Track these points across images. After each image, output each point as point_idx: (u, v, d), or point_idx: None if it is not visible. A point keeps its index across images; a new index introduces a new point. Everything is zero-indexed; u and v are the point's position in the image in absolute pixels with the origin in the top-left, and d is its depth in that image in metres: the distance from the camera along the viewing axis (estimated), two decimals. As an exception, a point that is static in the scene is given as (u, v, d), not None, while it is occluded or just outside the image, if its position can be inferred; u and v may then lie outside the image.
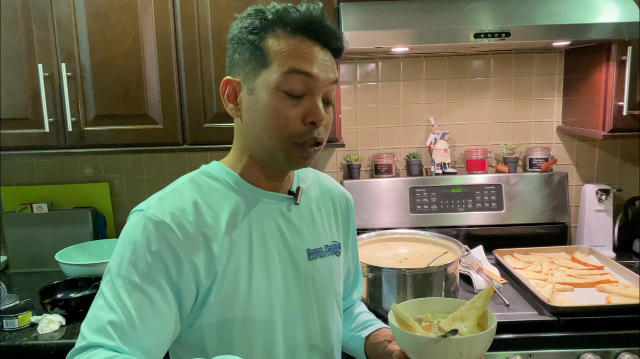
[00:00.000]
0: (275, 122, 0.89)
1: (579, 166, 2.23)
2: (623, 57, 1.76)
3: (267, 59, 0.89)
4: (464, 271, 1.78)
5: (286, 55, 0.88)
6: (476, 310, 0.93)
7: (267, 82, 0.89)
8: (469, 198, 2.11)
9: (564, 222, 2.12)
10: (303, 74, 0.88)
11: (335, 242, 1.08)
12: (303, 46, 0.89)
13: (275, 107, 0.89)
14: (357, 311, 1.25)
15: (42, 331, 1.57)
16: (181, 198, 0.92)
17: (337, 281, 1.08)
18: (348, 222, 1.16)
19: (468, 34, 1.62)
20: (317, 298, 1.02)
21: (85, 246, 2.04)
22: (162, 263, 0.87)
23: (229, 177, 0.97)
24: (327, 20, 0.91)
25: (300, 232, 1.01)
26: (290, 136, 0.90)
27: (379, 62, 2.17)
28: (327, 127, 0.94)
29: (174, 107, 1.77)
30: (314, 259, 1.02)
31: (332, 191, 1.12)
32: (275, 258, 0.97)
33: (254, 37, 0.91)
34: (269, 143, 0.91)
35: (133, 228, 0.89)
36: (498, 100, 2.20)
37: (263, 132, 0.91)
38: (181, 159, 2.19)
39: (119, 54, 1.73)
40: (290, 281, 0.98)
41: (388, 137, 2.22)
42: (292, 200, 1.01)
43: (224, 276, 0.90)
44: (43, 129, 1.75)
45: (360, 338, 1.14)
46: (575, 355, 1.49)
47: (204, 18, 1.72)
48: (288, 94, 0.89)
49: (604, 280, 1.74)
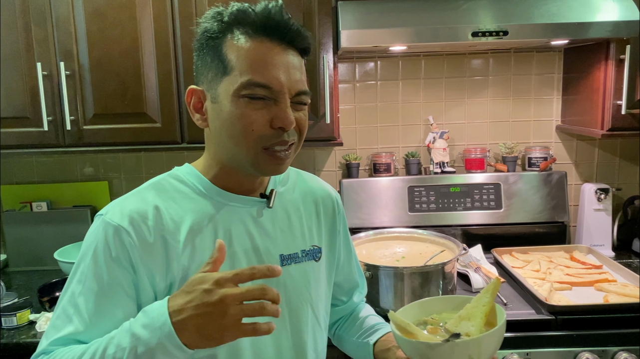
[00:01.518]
0: (240, 128, 0.86)
1: (578, 165, 2.23)
2: (621, 56, 1.76)
3: (227, 66, 0.86)
4: (462, 270, 1.78)
5: (245, 64, 0.84)
6: (483, 306, 0.86)
7: (228, 90, 0.86)
8: (467, 197, 2.10)
9: (563, 221, 2.12)
10: (262, 87, 0.84)
11: (315, 247, 1.03)
12: (263, 50, 0.85)
13: (239, 113, 0.85)
14: (362, 314, 1.20)
15: (41, 328, 1.57)
16: (142, 202, 0.90)
17: (315, 288, 1.02)
18: (334, 224, 1.10)
19: (466, 32, 1.63)
20: (289, 306, 0.97)
21: (84, 244, 2.05)
22: (120, 269, 0.85)
23: (198, 181, 0.94)
24: (289, 18, 0.87)
25: (273, 237, 0.97)
26: (257, 141, 0.86)
27: (377, 61, 2.17)
28: (300, 127, 0.91)
29: (172, 105, 1.77)
30: (288, 265, 0.97)
31: (315, 193, 1.08)
32: (242, 265, 0.92)
33: (213, 42, 0.87)
34: (237, 151, 0.88)
35: (93, 233, 0.88)
36: (497, 99, 2.20)
37: (230, 140, 0.88)
38: (180, 158, 2.19)
39: (118, 53, 1.74)
40: None
41: (387, 136, 2.22)
42: (264, 203, 0.97)
43: (183, 283, 0.84)
44: (42, 128, 1.76)
45: (368, 344, 1.09)
46: (572, 354, 1.48)
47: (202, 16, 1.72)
48: (251, 101, 0.85)
49: (602, 279, 1.73)
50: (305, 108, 0.92)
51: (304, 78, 0.90)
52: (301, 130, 0.91)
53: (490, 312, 0.86)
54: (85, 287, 0.85)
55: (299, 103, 0.89)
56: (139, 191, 0.94)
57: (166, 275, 0.88)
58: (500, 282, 0.89)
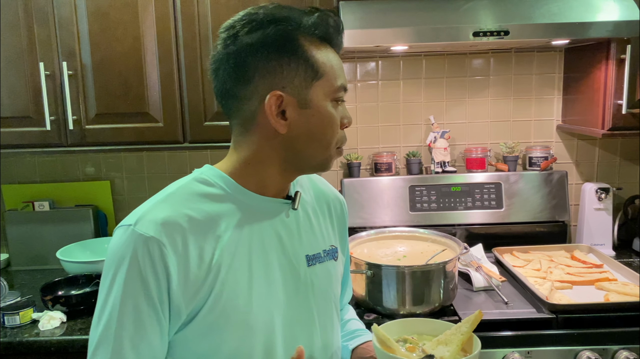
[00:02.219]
0: (331, 131, 0.92)
1: (579, 164, 2.23)
2: (622, 56, 1.76)
3: (318, 71, 0.88)
4: (463, 269, 1.79)
5: (332, 69, 0.90)
6: (461, 335, 0.92)
7: (321, 93, 0.90)
8: (468, 197, 2.11)
9: (564, 221, 2.13)
10: (345, 89, 0.93)
11: (333, 246, 1.05)
12: (333, 54, 0.92)
13: (332, 116, 0.91)
14: (346, 317, 1.23)
15: (43, 327, 1.58)
16: (172, 208, 0.86)
17: (336, 286, 1.06)
18: (344, 225, 1.14)
19: (467, 32, 1.63)
20: (317, 304, 0.99)
21: (86, 244, 2.05)
22: (155, 281, 0.82)
23: (225, 183, 0.92)
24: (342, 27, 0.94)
25: (299, 238, 0.98)
26: (336, 142, 0.93)
27: (379, 61, 2.18)
28: None
29: (174, 105, 1.78)
30: (313, 265, 0.99)
31: (327, 195, 1.10)
32: (275, 266, 0.93)
33: (299, 48, 0.87)
34: (321, 153, 0.93)
35: (122, 245, 0.83)
36: (498, 99, 2.20)
37: (315, 143, 0.91)
38: (182, 157, 2.20)
39: (120, 53, 1.74)
40: (290, 288, 0.94)
41: (388, 135, 2.23)
42: (289, 205, 0.97)
43: (222, 288, 0.86)
44: (44, 127, 1.76)
45: (347, 348, 1.12)
46: (573, 353, 1.49)
47: (204, 17, 1.73)
48: (337, 103, 0.93)
49: (603, 278, 1.74)
50: None
51: None
52: None
53: (467, 341, 0.92)
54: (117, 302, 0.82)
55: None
56: (166, 197, 0.90)
57: (205, 282, 0.85)
58: (481, 315, 0.94)
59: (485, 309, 1.59)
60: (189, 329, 0.87)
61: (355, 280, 1.60)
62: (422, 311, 1.54)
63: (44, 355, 1.54)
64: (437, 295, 1.55)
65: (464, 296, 1.69)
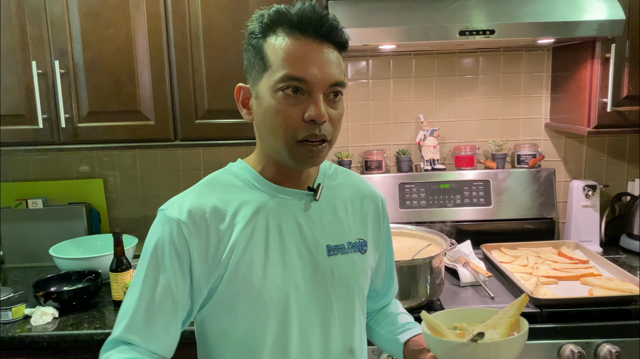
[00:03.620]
0: (276, 122, 0.92)
1: (567, 162, 2.26)
2: (607, 55, 1.79)
3: (266, 63, 0.92)
4: (450, 265, 1.81)
5: (282, 59, 0.90)
6: (509, 318, 0.95)
7: (267, 85, 0.92)
8: (457, 194, 2.14)
9: (552, 217, 2.16)
10: (298, 80, 0.89)
11: (361, 240, 1.07)
12: (298, 46, 0.90)
13: (275, 107, 0.91)
14: (393, 310, 1.25)
15: (35, 323, 1.60)
16: (199, 196, 0.97)
17: (362, 279, 1.07)
18: (379, 222, 1.14)
19: (454, 31, 1.66)
20: (337, 293, 1.02)
21: (79, 241, 2.07)
22: (179, 260, 0.93)
23: (250, 175, 1.01)
24: (322, 15, 0.91)
25: (320, 228, 1.01)
26: (291, 135, 0.92)
27: (369, 60, 2.20)
28: (334, 124, 0.94)
29: (165, 103, 1.80)
30: (334, 255, 1.02)
31: (363, 192, 1.12)
32: (292, 252, 0.98)
33: (256, 42, 0.94)
34: (275, 144, 0.94)
35: (155, 227, 0.96)
36: (487, 97, 2.23)
37: (268, 134, 0.95)
38: (174, 155, 2.22)
39: (112, 52, 1.76)
40: (308, 274, 0.99)
41: (378, 133, 2.26)
42: (311, 196, 1.02)
43: (237, 268, 0.94)
44: (37, 126, 1.78)
45: (399, 342, 1.13)
46: (557, 346, 1.52)
47: (195, 16, 1.75)
48: (287, 95, 0.91)
49: (588, 273, 1.77)
50: (340, 104, 0.96)
51: (340, 71, 0.94)
52: (335, 126, 0.95)
53: (514, 324, 0.95)
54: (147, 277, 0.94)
55: (334, 93, 0.93)
56: (197, 187, 1.01)
57: (223, 262, 0.94)
58: (527, 298, 0.97)
59: (472, 304, 1.62)
60: (210, 305, 0.98)
61: (344, 276, 1.62)
62: (409, 306, 1.57)
63: (36, 350, 1.56)
64: (424, 290, 1.58)
65: (452, 291, 1.72)
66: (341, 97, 0.96)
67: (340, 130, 0.98)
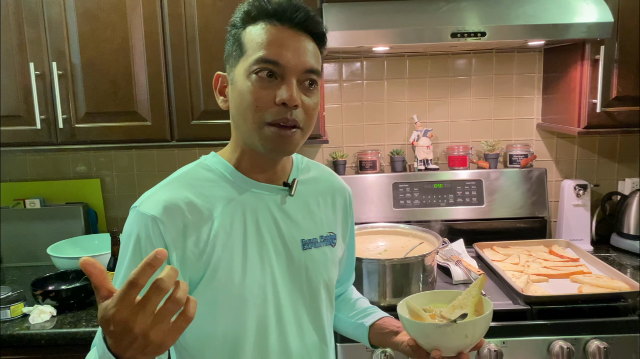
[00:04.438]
0: (247, 103, 0.92)
1: (558, 162, 2.29)
2: (596, 56, 1.83)
3: (243, 48, 0.94)
4: (443, 263, 1.84)
5: (257, 44, 0.92)
6: (472, 298, 1.02)
7: (242, 70, 0.94)
8: (450, 193, 2.17)
9: (543, 216, 2.19)
10: (272, 63, 0.91)
11: (331, 233, 1.10)
12: (275, 32, 0.92)
13: (248, 89, 0.92)
14: (354, 296, 1.29)
15: (34, 321, 1.62)
16: (173, 191, 0.95)
17: (331, 270, 1.10)
18: (346, 215, 1.18)
19: (445, 33, 1.69)
20: (310, 285, 1.05)
21: (76, 240, 2.09)
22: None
23: (224, 169, 1.00)
24: (300, 6, 0.94)
25: (295, 222, 1.03)
26: (262, 116, 0.92)
27: (363, 61, 2.23)
28: (307, 112, 0.95)
29: (162, 104, 1.82)
30: (309, 249, 1.04)
31: (333, 185, 1.15)
32: (269, 248, 0.99)
33: (235, 31, 0.97)
34: (246, 128, 0.94)
35: (129, 224, 0.94)
36: (479, 98, 2.26)
37: (240, 116, 0.95)
38: (170, 156, 2.24)
39: (109, 53, 1.78)
40: (284, 269, 1.01)
41: (373, 134, 2.28)
42: (287, 191, 1.04)
43: (217, 266, 0.93)
44: (35, 126, 1.80)
45: (364, 326, 1.17)
46: (547, 342, 1.54)
47: (191, 18, 1.77)
48: (260, 78, 0.92)
49: (578, 271, 1.79)
50: (315, 93, 0.96)
51: (316, 61, 0.96)
52: (308, 115, 0.95)
53: (478, 303, 1.03)
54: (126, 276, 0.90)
55: (309, 81, 0.95)
56: (169, 181, 0.99)
57: (200, 259, 0.93)
58: (485, 278, 1.05)
59: (463, 302, 1.65)
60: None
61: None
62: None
63: (35, 348, 1.58)
64: (417, 287, 1.61)
65: (444, 289, 1.74)
66: (317, 87, 0.96)
67: (314, 120, 0.98)
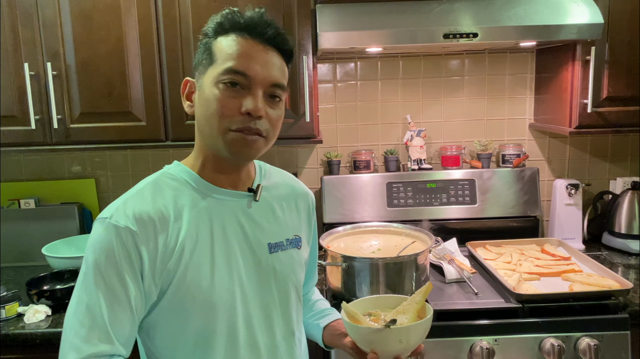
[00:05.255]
0: (213, 110, 0.95)
1: (550, 162, 2.31)
2: (587, 57, 1.85)
3: (212, 57, 0.97)
4: (436, 262, 1.86)
5: (227, 54, 0.96)
6: (416, 304, 1.06)
7: (210, 78, 0.97)
8: (443, 193, 2.18)
9: (536, 216, 2.21)
10: (240, 74, 0.95)
11: (297, 236, 1.14)
12: (245, 45, 0.96)
13: (215, 97, 0.95)
14: (313, 298, 1.34)
15: (29, 321, 1.62)
16: (141, 201, 0.97)
17: (299, 272, 1.13)
18: (310, 218, 1.22)
19: (438, 34, 1.70)
20: (279, 288, 1.07)
21: (71, 240, 2.10)
22: (130, 266, 0.92)
23: (188, 176, 1.03)
24: (269, 22, 0.98)
25: (261, 227, 1.06)
26: (227, 124, 0.95)
27: (357, 62, 2.24)
28: (271, 122, 0.98)
29: (156, 104, 1.83)
30: (275, 252, 1.07)
31: (295, 190, 1.19)
32: (236, 252, 1.02)
33: (207, 40, 1.00)
34: (211, 133, 0.97)
35: (99, 236, 0.93)
36: (472, 99, 2.28)
37: (205, 122, 0.98)
38: (165, 156, 2.25)
39: (103, 54, 1.79)
40: (252, 273, 1.03)
41: (367, 134, 2.30)
42: (252, 197, 1.07)
43: (185, 272, 0.95)
44: (29, 126, 1.81)
45: (319, 326, 1.22)
46: (538, 340, 1.56)
47: (185, 19, 1.78)
48: (227, 87, 0.95)
49: (569, 269, 1.81)
50: (279, 106, 1.01)
51: (282, 76, 1.00)
52: (272, 125, 1.00)
53: (421, 309, 1.06)
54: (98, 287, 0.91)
55: (273, 95, 0.98)
56: (136, 192, 1.00)
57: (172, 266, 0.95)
58: (431, 286, 1.09)
59: (456, 300, 1.67)
60: (159, 309, 0.97)
61: (332, 272, 1.67)
62: (395, 302, 1.61)
63: (30, 347, 1.58)
64: (410, 286, 1.62)
65: (437, 288, 1.76)
66: (281, 102, 1.01)
67: (278, 131, 1.02)
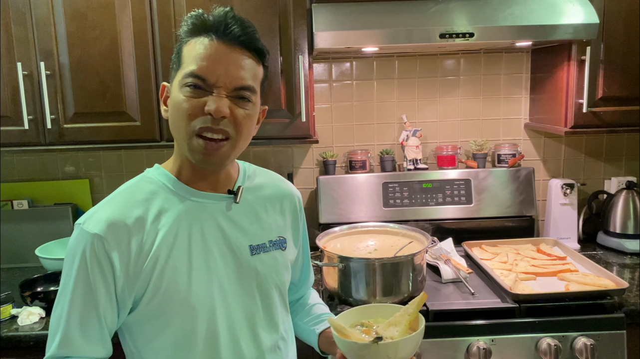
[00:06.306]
0: (179, 114, 0.95)
1: (546, 161, 2.32)
2: (582, 57, 1.85)
3: (180, 61, 0.97)
4: (432, 262, 1.85)
5: (191, 58, 0.95)
6: (408, 316, 1.05)
7: (177, 81, 0.97)
8: (439, 193, 2.18)
9: (531, 215, 2.21)
10: (200, 79, 0.94)
11: (281, 237, 1.13)
12: (209, 47, 0.94)
13: (179, 101, 0.95)
14: (310, 302, 1.31)
15: (22, 323, 1.61)
16: (117, 207, 0.97)
17: (283, 274, 1.12)
18: (297, 219, 1.21)
19: (434, 34, 1.70)
20: (260, 289, 1.07)
21: (65, 241, 2.07)
22: (101, 273, 0.93)
23: (166, 180, 1.02)
24: (235, 20, 0.95)
25: (242, 229, 1.05)
26: (192, 127, 0.94)
27: (353, 62, 2.24)
28: (236, 123, 0.96)
29: (151, 104, 1.82)
30: (258, 254, 1.06)
31: (281, 191, 1.17)
32: (215, 255, 1.01)
33: (179, 42, 1.00)
34: (178, 136, 0.98)
35: (73, 242, 0.96)
36: (468, 98, 2.28)
37: (174, 126, 0.98)
38: (160, 156, 2.23)
39: (98, 53, 1.78)
40: (233, 275, 1.02)
41: (362, 134, 2.29)
42: (232, 199, 1.05)
43: (161, 277, 0.95)
44: (22, 127, 1.79)
45: (315, 332, 1.21)
46: (535, 339, 1.56)
47: (180, 18, 1.76)
48: (190, 90, 0.94)
49: (565, 269, 1.82)
50: (247, 106, 0.98)
51: (250, 76, 0.97)
52: (238, 125, 0.97)
53: (414, 320, 1.06)
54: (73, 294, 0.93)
55: (240, 97, 0.97)
56: (114, 197, 1.00)
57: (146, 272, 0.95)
58: (426, 297, 1.09)
59: (452, 300, 1.66)
60: (136, 314, 0.97)
61: (328, 273, 1.66)
62: (392, 302, 1.60)
63: (24, 349, 1.57)
64: (406, 286, 1.62)
65: (433, 288, 1.76)
66: (250, 102, 0.98)
67: (247, 131, 0.99)
